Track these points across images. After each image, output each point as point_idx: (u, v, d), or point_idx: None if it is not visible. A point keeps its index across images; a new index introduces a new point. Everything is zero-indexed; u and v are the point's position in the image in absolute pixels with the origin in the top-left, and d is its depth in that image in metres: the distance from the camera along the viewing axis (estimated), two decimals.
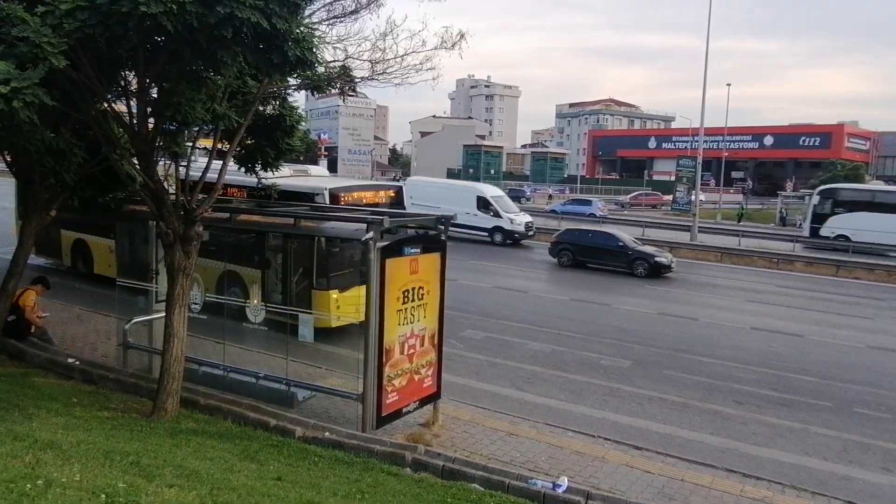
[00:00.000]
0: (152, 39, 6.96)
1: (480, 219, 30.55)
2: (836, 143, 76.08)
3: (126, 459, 5.69)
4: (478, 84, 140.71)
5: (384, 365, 8.17)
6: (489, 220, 30.57)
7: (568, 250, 25.36)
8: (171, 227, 8.20)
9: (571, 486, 7.18)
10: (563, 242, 25.76)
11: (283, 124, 10.06)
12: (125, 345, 10.36)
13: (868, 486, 8.56)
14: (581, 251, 25.09)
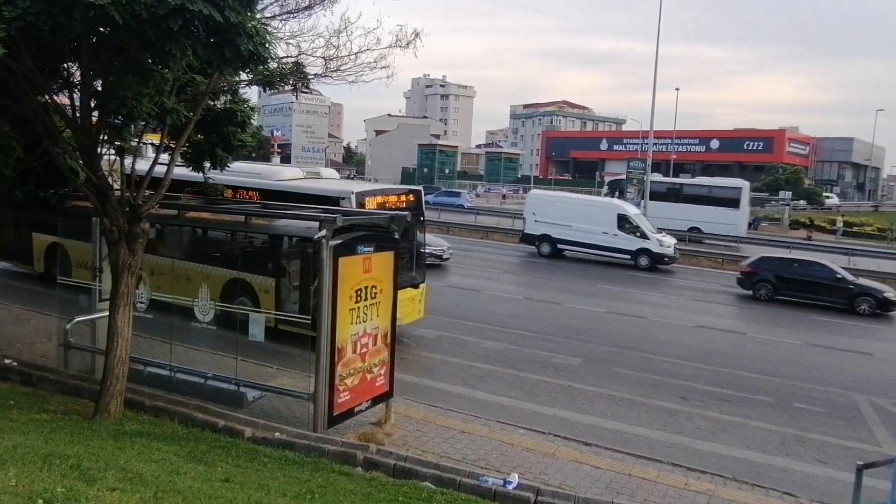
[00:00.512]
0: (98, 30, 6.75)
1: (622, 239, 26.98)
2: (778, 147, 78.97)
3: (66, 463, 5.51)
4: (433, 83, 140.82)
5: (336, 364, 8.12)
6: (632, 241, 26.93)
7: (767, 282, 21.85)
8: (115, 223, 7.96)
9: (522, 483, 7.27)
10: (761, 272, 22.19)
11: (234, 119, 9.85)
12: (66, 345, 10.02)
13: (804, 477, 8.92)
14: (785, 283, 21.64)
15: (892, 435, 10.63)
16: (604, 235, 27.03)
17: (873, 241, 43.22)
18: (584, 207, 28.98)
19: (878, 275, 25.72)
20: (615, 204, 30.13)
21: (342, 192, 12.65)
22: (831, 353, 16.02)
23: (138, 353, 9.30)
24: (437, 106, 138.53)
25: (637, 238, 26.92)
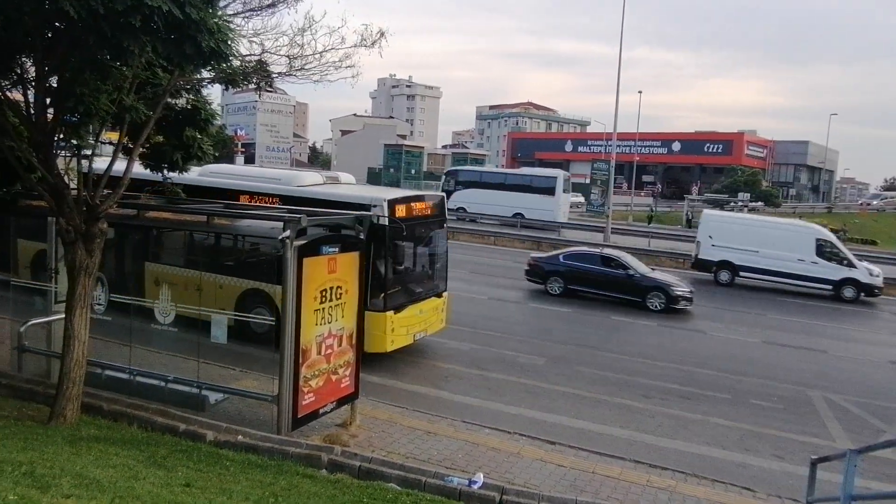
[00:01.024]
0: (53, 24, 6.57)
1: (822, 268, 24.02)
2: (737, 150, 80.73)
3: (18, 470, 5.35)
4: (399, 84, 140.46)
5: (300, 365, 8.04)
6: (835, 269, 23.94)
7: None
8: (72, 223, 7.75)
9: (487, 482, 7.30)
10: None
11: (196, 118, 9.67)
12: (20, 348, 9.70)
13: (762, 472, 9.15)
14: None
15: (845, 430, 10.97)
16: (799, 263, 24.11)
17: None
18: (774, 231, 25.80)
19: None
20: (813, 228, 26.60)
21: (373, 199, 11.96)
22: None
23: (96, 356, 9.07)
24: (404, 106, 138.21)
25: (842, 266, 24.02)
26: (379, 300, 11.62)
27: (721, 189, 68.09)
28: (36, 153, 7.70)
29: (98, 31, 6.03)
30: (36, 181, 7.85)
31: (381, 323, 11.59)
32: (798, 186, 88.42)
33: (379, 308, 11.57)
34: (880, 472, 9.17)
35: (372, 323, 11.34)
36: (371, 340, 11.40)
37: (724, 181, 70.47)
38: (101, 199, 7.93)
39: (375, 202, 11.81)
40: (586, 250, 22.15)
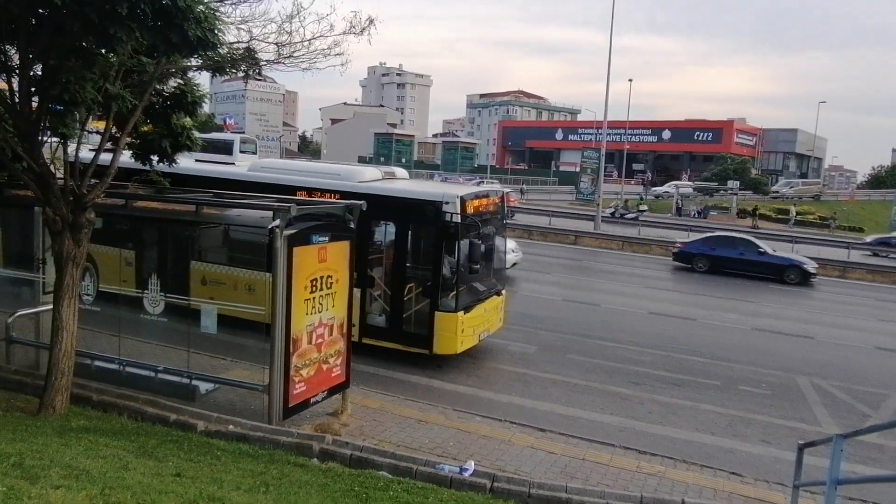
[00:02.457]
0: (37, 11, 6.47)
1: None
2: (727, 138, 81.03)
3: (6, 461, 5.32)
4: (389, 72, 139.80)
5: (291, 355, 8.03)
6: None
7: None
8: (58, 213, 7.68)
9: (478, 470, 7.35)
10: None
11: (183, 102, 9.54)
12: (8, 339, 9.63)
13: (750, 457, 9.25)
14: None
15: (832, 415, 11.09)
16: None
17: (815, 228, 44.91)
18: None
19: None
20: None
21: (445, 196, 11.45)
22: None
23: (85, 346, 9.02)
24: (394, 95, 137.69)
25: None
26: (450, 300, 11.31)
27: (711, 177, 68.37)
28: (21, 142, 7.61)
29: (83, 17, 5.95)
30: (21, 170, 7.76)
31: (452, 324, 11.27)
32: (787, 174, 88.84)
33: (450, 308, 11.27)
34: (866, 457, 9.30)
35: (442, 324, 11.22)
36: (441, 342, 11.26)
37: (713, 169, 70.77)
38: (87, 188, 7.86)
39: (447, 199, 11.36)
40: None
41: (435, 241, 11.43)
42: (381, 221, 12.03)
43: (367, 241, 11.70)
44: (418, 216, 11.62)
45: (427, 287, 11.45)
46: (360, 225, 11.59)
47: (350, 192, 11.81)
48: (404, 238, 11.80)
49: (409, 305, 11.61)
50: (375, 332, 11.66)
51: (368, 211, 11.33)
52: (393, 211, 11.78)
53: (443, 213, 11.19)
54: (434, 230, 11.37)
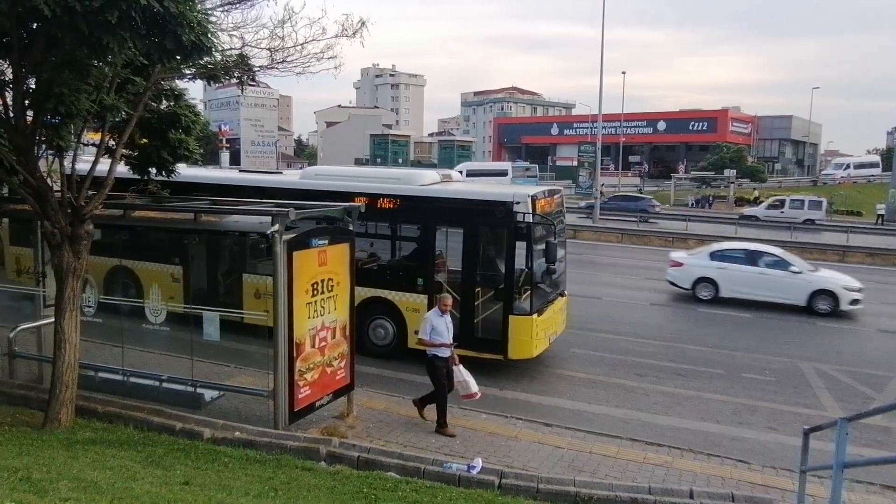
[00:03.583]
0: (28, 25, 6.46)
1: None
2: (722, 127, 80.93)
3: (14, 476, 5.32)
4: (383, 73, 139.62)
5: (295, 359, 8.04)
6: None
7: None
8: (57, 226, 7.68)
9: (485, 467, 7.35)
10: None
11: (178, 123, 9.57)
12: (11, 354, 9.63)
13: (756, 444, 9.26)
14: None
15: (836, 399, 11.10)
16: None
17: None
18: None
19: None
20: None
21: (515, 196, 11.15)
22: None
23: (88, 358, 9.02)
24: (388, 95, 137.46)
25: None
26: (524, 303, 11.04)
27: (707, 166, 68.32)
28: (17, 156, 7.60)
29: (75, 28, 5.94)
30: (18, 184, 7.76)
31: (527, 327, 10.97)
32: (783, 161, 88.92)
33: (524, 311, 10.99)
34: (871, 440, 9.32)
35: (517, 327, 10.89)
36: (515, 346, 10.94)
37: (709, 158, 70.70)
38: (85, 200, 7.85)
39: (518, 198, 11.07)
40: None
41: (506, 243, 11.14)
42: (446, 225, 11.68)
43: (431, 245, 11.52)
44: (487, 218, 11.30)
45: (499, 290, 11.14)
46: (423, 229, 11.49)
47: (413, 195, 11.66)
48: (472, 241, 11.43)
49: (480, 310, 11.29)
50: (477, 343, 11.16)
51: (432, 214, 11.37)
52: (459, 213, 11.50)
53: (514, 214, 10.92)
54: (505, 231, 11.10)
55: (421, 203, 11.47)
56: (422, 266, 11.64)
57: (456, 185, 13.03)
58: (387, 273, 12.05)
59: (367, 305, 11.55)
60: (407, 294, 11.57)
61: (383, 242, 12.40)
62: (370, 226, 12.23)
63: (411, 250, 12.15)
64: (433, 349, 8.79)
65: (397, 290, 11.69)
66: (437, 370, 8.80)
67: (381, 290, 11.65)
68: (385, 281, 11.80)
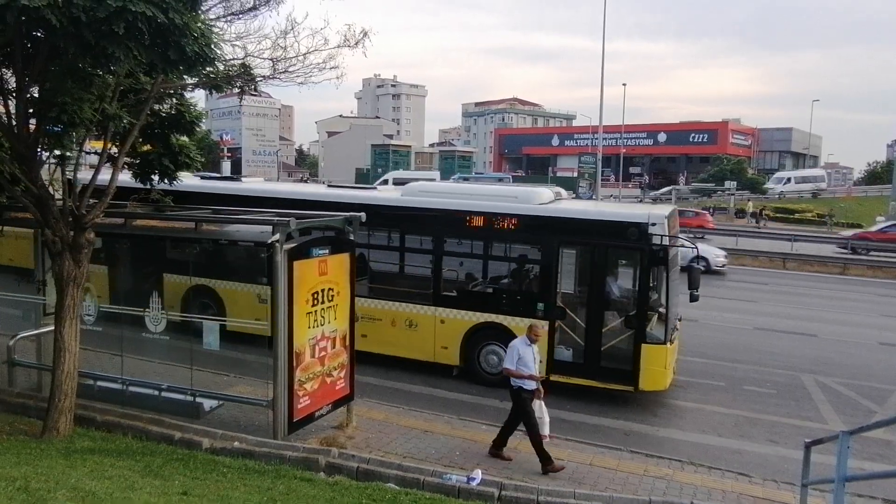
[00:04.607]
0: (32, 34, 6.49)
1: None
2: (722, 139, 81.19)
3: (12, 485, 5.30)
4: (384, 83, 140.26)
5: (295, 369, 8.02)
6: None
7: None
8: (58, 234, 7.69)
9: (485, 479, 7.32)
10: None
11: (181, 122, 9.59)
12: (10, 362, 9.61)
13: (757, 457, 9.22)
14: None
15: (837, 412, 11.06)
16: None
17: (814, 226, 44.89)
18: None
19: None
20: None
21: (652, 217, 10.42)
22: None
23: (87, 367, 9.00)
24: (389, 106, 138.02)
25: None
26: (659, 331, 10.45)
27: (707, 178, 68.44)
28: (19, 164, 7.62)
29: (79, 38, 5.98)
30: (20, 192, 7.78)
31: (661, 357, 10.30)
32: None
33: (658, 340, 10.35)
34: (873, 453, 9.27)
35: (650, 357, 10.25)
36: (647, 377, 10.30)
37: (710, 170, 70.85)
38: (87, 208, 7.87)
39: (654, 219, 10.37)
40: None
41: (639, 266, 10.56)
42: (570, 246, 11.01)
43: (552, 268, 10.87)
44: (617, 239, 10.63)
45: (630, 317, 10.48)
46: (544, 251, 10.90)
47: (532, 214, 11.00)
48: (599, 264, 10.75)
49: (608, 338, 10.61)
50: (566, 369, 10.70)
51: (554, 235, 10.75)
52: (585, 234, 10.79)
53: (649, 236, 10.24)
54: (638, 254, 10.50)
55: (542, 223, 10.86)
56: (542, 290, 10.95)
57: (579, 204, 12.43)
58: (502, 297, 11.34)
59: (479, 331, 11.02)
60: (525, 319, 10.60)
61: (498, 265, 11.80)
62: (483, 246, 11.74)
63: (530, 273, 11.49)
64: (519, 380, 8.27)
65: (514, 315, 10.92)
66: (524, 402, 8.25)
67: (495, 315, 10.99)
68: (499, 305, 11.14)
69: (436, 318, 11.33)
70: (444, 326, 11.19)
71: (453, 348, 11.27)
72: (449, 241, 11.70)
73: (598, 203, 13.66)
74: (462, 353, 11.31)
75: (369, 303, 11.77)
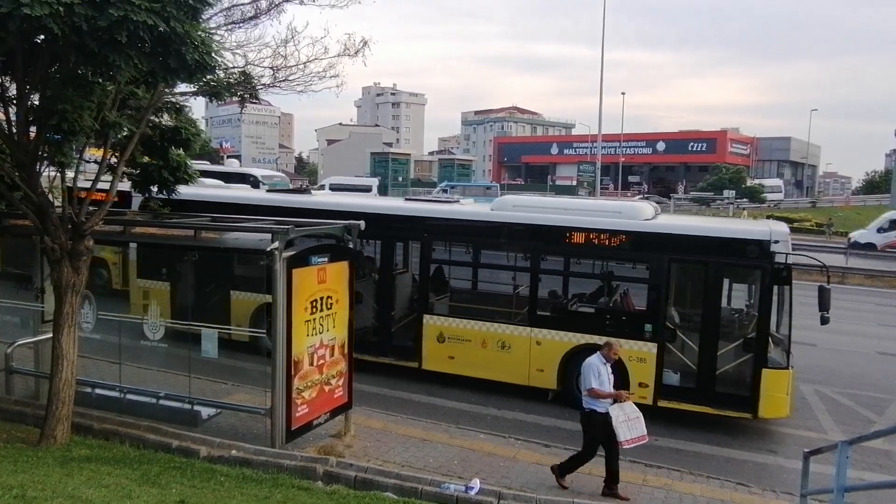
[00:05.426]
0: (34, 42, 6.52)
1: None
2: (721, 148, 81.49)
3: (9, 493, 5.29)
4: (384, 92, 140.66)
5: (293, 377, 8.01)
6: None
7: None
8: (57, 241, 7.69)
9: (483, 488, 7.29)
10: None
11: (178, 138, 9.65)
12: (8, 370, 9.59)
13: (756, 467, 9.20)
14: None
15: (837, 422, 11.04)
16: None
17: (812, 235, 44.95)
18: None
19: None
20: None
21: (774, 233, 9.82)
22: None
23: (85, 375, 8.98)
24: (389, 114, 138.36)
25: None
26: (780, 355, 9.91)
27: (706, 187, 68.63)
28: (19, 171, 7.64)
29: (81, 47, 6.01)
30: (19, 200, 7.79)
31: (783, 382, 9.69)
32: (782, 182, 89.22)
33: (780, 365, 9.76)
34: (873, 463, 9.26)
35: (772, 382, 9.64)
36: (768, 403, 9.69)
37: (709, 179, 71.07)
38: (86, 216, 7.88)
39: (777, 236, 9.76)
40: None
41: (760, 286, 9.94)
42: (680, 264, 10.57)
43: (660, 287, 10.29)
44: (735, 256, 10.08)
45: (749, 340, 9.97)
46: (653, 269, 10.45)
47: (640, 231, 10.46)
48: (713, 283, 10.19)
49: (724, 362, 10.07)
50: (677, 394, 10.17)
51: (664, 252, 10.18)
52: (697, 251, 10.22)
53: (772, 254, 9.66)
54: (759, 273, 9.92)
55: (651, 240, 10.35)
56: (650, 310, 10.36)
57: (686, 220, 12.14)
58: (605, 318, 10.83)
59: (579, 353, 10.27)
60: (630, 341, 10.21)
61: (599, 283, 11.35)
62: (583, 264, 11.38)
63: (635, 293, 10.99)
64: (592, 402, 7.85)
65: (617, 336, 10.03)
66: (596, 427, 7.82)
67: (598, 336, 10.16)
68: (602, 326, 10.59)
69: (531, 339, 10.83)
70: (540, 348, 10.70)
71: (550, 371, 10.68)
72: (546, 259, 11.21)
73: (705, 218, 12.92)
74: (559, 376, 10.70)
75: (457, 322, 11.36)
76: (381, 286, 12.18)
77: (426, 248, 11.76)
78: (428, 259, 11.79)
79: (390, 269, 12.32)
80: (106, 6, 5.65)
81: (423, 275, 11.93)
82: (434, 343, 11.38)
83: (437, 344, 11.31)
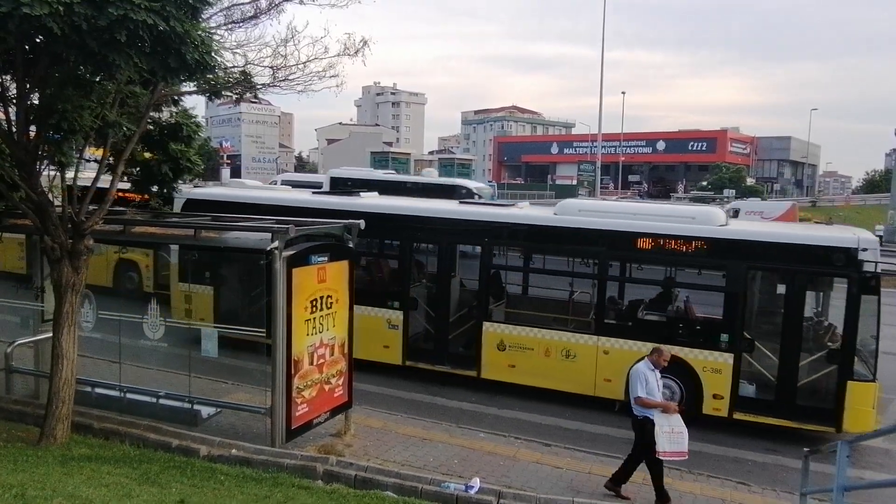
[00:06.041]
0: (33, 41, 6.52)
1: None
2: (721, 147, 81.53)
3: (9, 493, 5.28)
4: (384, 91, 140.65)
5: (293, 377, 8.01)
6: None
7: None
8: (57, 241, 7.69)
9: (484, 487, 7.29)
10: None
11: (179, 134, 9.63)
12: (8, 369, 9.59)
13: (756, 466, 9.20)
14: None
15: None
16: None
17: None
18: None
19: None
20: None
21: (862, 241, 9.46)
22: None
23: (85, 374, 8.98)
24: (389, 113, 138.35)
25: None
26: (866, 367, 9.56)
27: (706, 186, 68.66)
28: (18, 171, 7.64)
29: (80, 46, 6.01)
30: (19, 199, 7.79)
31: (868, 396, 9.36)
32: (782, 181, 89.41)
33: (866, 378, 9.42)
34: (874, 462, 9.25)
35: (857, 395, 9.34)
36: (853, 417, 9.30)
37: (709, 178, 71.14)
38: (86, 215, 7.88)
39: (866, 244, 9.40)
40: None
41: (847, 295, 9.56)
42: (759, 272, 10.36)
43: (737, 296, 9.94)
44: (819, 264, 9.74)
45: (833, 351, 9.68)
46: (729, 277, 10.03)
47: (716, 237, 10.10)
48: (794, 292, 9.87)
49: (805, 374, 9.80)
50: (754, 406, 9.94)
51: (741, 260, 9.86)
52: (777, 259, 9.90)
53: (860, 262, 9.30)
54: (845, 282, 9.59)
55: (728, 246, 10.01)
56: (726, 319, 10.06)
57: (764, 226, 11.58)
58: (678, 327, 10.54)
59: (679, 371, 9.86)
60: (704, 352, 10.00)
61: (671, 291, 11.10)
62: (654, 271, 11.02)
63: (710, 301, 10.64)
64: (646, 410, 7.69)
65: (690, 346, 10.02)
66: (649, 435, 7.61)
67: (669, 346, 9.43)
68: (674, 336, 10.27)
69: (598, 348, 10.54)
70: (607, 357, 10.40)
71: (618, 381, 10.23)
72: (614, 265, 10.85)
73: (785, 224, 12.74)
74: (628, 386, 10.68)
75: (518, 330, 11.08)
76: (438, 292, 11.89)
77: (486, 253, 11.45)
78: (488, 265, 11.53)
79: (448, 274, 11.92)
80: (106, 5, 5.65)
81: (482, 281, 11.60)
82: (494, 351, 11.10)
83: (498, 352, 11.06)
